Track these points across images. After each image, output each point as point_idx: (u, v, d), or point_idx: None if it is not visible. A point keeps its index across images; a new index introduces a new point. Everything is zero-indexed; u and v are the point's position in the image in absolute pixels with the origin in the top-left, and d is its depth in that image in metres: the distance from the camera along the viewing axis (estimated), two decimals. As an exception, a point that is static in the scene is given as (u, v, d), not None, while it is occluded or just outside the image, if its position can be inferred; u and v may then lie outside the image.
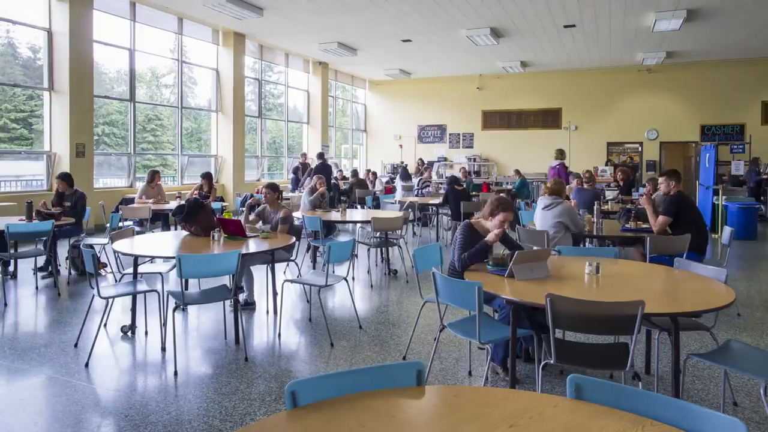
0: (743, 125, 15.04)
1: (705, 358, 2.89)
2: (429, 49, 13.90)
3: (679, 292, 3.19)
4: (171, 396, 3.32)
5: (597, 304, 2.67)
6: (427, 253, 4.14)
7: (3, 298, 5.45)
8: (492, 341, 3.12)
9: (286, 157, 16.23)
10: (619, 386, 1.68)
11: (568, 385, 1.68)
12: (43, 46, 9.36)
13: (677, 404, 1.54)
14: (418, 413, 1.55)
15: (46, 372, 3.65)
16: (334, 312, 5.19)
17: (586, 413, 1.56)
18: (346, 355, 4.06)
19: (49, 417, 3.04)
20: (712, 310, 2.67)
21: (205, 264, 3.67)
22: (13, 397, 3.30)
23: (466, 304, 3.16)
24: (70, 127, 9.22)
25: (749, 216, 9.80)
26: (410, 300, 5.68)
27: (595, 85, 16.49)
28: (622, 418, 1.54)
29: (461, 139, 18.43)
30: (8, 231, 5.24)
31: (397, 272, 6.89)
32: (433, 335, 4.48)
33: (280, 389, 3.43)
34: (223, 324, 4.67)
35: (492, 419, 1.51)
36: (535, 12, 10.62)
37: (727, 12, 10.46)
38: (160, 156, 13.89)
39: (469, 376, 3.70)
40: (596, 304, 2.67)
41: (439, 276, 3.26)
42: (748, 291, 6.09)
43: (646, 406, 1.58)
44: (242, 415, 3.09)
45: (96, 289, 3.84)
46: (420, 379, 1.74)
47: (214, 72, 13.05)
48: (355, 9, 10.52)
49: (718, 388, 3.51)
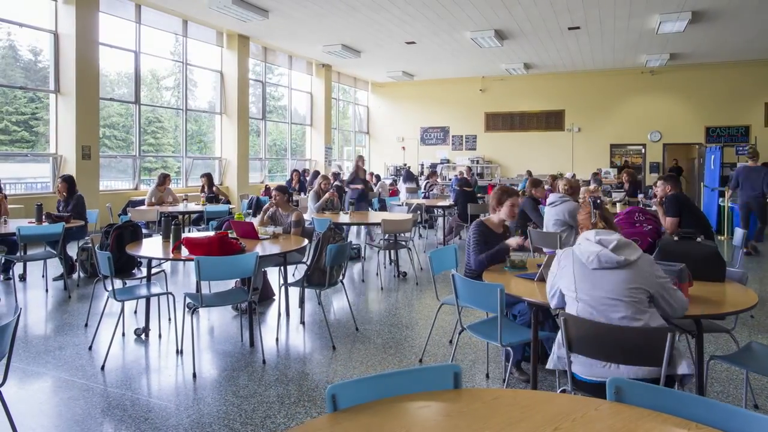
0: (748, 127, 15.05)
1: (727, 361, 2.89)
2: (432, 51, 13.91)
3: (700, 294, 3.17)
4: (190, 399, 3.31)
5: (618, 330, 2.33)
6: (443, 255, 4.13)
7: (14, 301, 5.44)
8: (513, 343, 3.11)
9: (290, 160, 16.24)
10: (660, 389, 1.67)
11: (607, 388, 1.67)
12: (45, 49, 9.38)
13: (722, 407, 1.53)
14: (461, 416, 1.54)
15: (62, 375, 3.64)
16: (346, 314, 5.18)
17: (629, 416, 1.55)
18: (362, 358, 4.04)
19: (69, 420, 3.02)
20: (738, 311, 2.66)
21: (224, 266, 3.66)
22: (31, 401, 3.29)
23: (487, 306, 3.15)
24: (76, 130, 9.22)
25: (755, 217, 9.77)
26: (421, 302, 5.67)
27: (598, 86, 16.51)
28: (665, 421, 1.53)
29: (464, 141, 18.44)
30: (20, 234, 5.23)
31: (406, 274, 6.88)
32: (447, 337, 4.47)
33: (299, 392, 3.42)
34: (234, 326, 4.66)
35: (535, 422, 1.50)
36: (540, 14, 10.63)
37: (732, 14, 10.47)
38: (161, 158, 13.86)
39: (486, 379, 3.69)
40: (617, 329, 2.33)
41: (459, 278, 3.25)
42: (759, 293, 6.09)
43: (688, 409, 1.56)
44: (263, 418, 3.07)
45: (112, 292, 3.83)
46: (457, 381, 1.73)
47: (218, 74, 13.05)
48: (360, 11, 10.52)
49: (737, 390, 3.50)
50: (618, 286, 2.40)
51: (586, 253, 2.48)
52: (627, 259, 2.41)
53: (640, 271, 2.42)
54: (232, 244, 4.02)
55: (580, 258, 2.49)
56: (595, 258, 2.44)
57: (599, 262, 2.43)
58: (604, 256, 2.42)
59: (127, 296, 4.06)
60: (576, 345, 2.42)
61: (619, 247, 2.44)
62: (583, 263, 2.48)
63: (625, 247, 2.46)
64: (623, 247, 2.45)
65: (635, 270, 2.41)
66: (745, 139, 14.87)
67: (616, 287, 2.40)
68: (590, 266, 2.45)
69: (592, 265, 2.45)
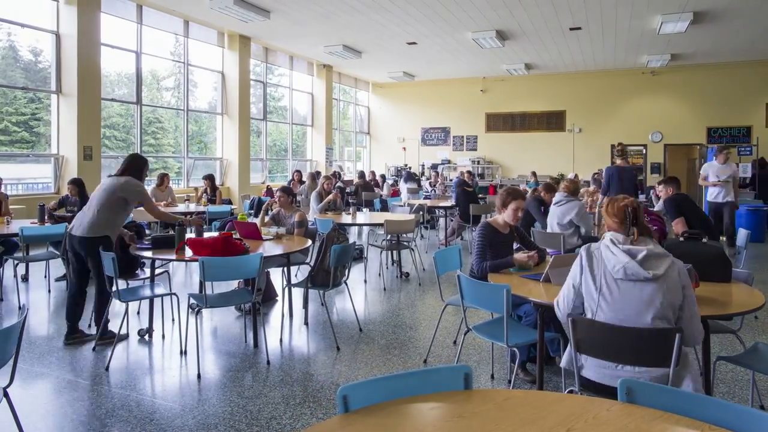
0: (750, 127, 15.04)
1: (734, 361, 2.88)
2: (434, 51, 13.91)
3: (706, 295, 3.17)
4: (195, 400, 3.30)
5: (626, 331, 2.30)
6: (448, 255, 4.13)
7: (17, 302, 5.44)
8: (519, 344, 3.11)
9: (290, 160, 16.23)
10: (672, 389, 1.67)
11: (618, 389, 1.67)
12: (45, 49, 9.37)
13: (734, 408, 1.52)
14: (473, 417, 1.54)
15: (66, 376, 3.63)
16: (349, 315, 5.17)
17: (641, 417, 1.55)
18: (366, 359, 4.04)
19: (75, 421, 3.02)
20: (746, 312, 2.66)
21: (228, 267, 3.65)
22: (36, 402, 3.28)
23: (493, 306, 3.14)
24: (77, 130, 9.21)
25: (758, 218, 9.79)
26: (424, 303, 5.66)
27: (599, 87, 16.50)
28: (678, 422, 1.52)
29: (465, 141, 18.43)
30: (23, 234, 5.22)
31: (408, 275, 6.87)
32: (451, 338, 4.47)
33: (304, 393, 3.41)
34: (237, 326, 4.66)
35: (548, 423, 1.50)
36: (542, 14, 10.63)
37: (734, 14, 10.46)
38: (161, 159, 13.84)
39: (491, 380, 3.69)
40: (625, 330, 2.30)
41: (465, 278, 3.24)
42: (762, 293, 6.06)
43: (700, 410, 1.56)
44: (268, 419, 3.07)
45: (117, 293, 3.82)
46: (468, 382, 1.73)
47: (219, 75, 13.05)
48: (362, 12, 10.52)
49: (742, 391, 3.50)
50: (643, 302, 2.32)
51: (612, 261, 2.38)
52: (655, 274, 2.30)
53: (668, 285, 2.32)
54: (236, 244, 4.01)
55: (606, 263, 2.40)
56: (621, 269, 2.34)
57: (625, 273, 2.34)
58: (631, 268, 2.33)
59: (131, 297, 4.06)
60: (584, 347, 2.41)
61: (647, 259, 2.34)
62: (608, 269, 2.38)
63: (654, 258, 2.35)
64: (652, 259, 2.35)
65: (663, 284, 2.31)
66: (746, 139, 14.86)
67: (641, 302, 2.32)
68: (615, 276, 2.36)
69: (618, 275, 2.36)
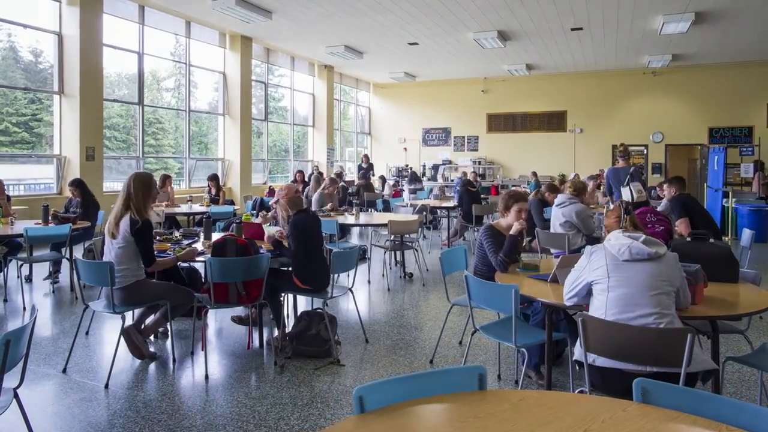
0: (751, 127, 15.04)
1: (742, 362, 2.88)
2: (435, 52, 13.91)
3: (714, 295, 3.17)
4: (202, 401, 3.30)
5: (637, 331, 2.33)
6: (453, 256, 4.13)
7: (21, 302, 5.44)
8: (527, 344, 3.10)
9: (292, 161, 16.23)
10: (688, 390, 1.66)
11: (634, 389, 1.67)
12: (46, 50, 9.38)
13: (750, 408, 1.52)
14: (489, 417, 1.54)
15: (73, 377, 3.63)
16: (353, 316, 5.17)
17: (658, 417, 1.55)
18: (372, 359, 4.03)
19: (83, 422, 3.02)
20: (754, 313, 2.66)
21: (235, 267, 3.65)
22: (44, 403, 3.28)
23: (501, 306, 3.14)
24: (80, 131, 9.21)
25: (760, 218, 9.79)
26: (428, 303, 5.66)
27: (601, 87, 16.50)
28: (695, 422, 1.52)
29: (466, 142, 18.43)
30: (27, 235, 5.22)
31: (412, 275, 6.87)
32: (457, 338, 4.47)
33: (312, 393, 3.41)
34: (243, 327, 4.65)
35: (565, 423, 1.50)
36: (543, 15, 10.63)
37: (735, 15, 10.46)
38: (161, 159, 13.84)
39: (498, 380, 3.68)
40: (636, 330, 2.33)
41: (472, 279, 3.24)
42: (765, 293, 6.07)
43: (716, 410, 1.56)
44: (276, 420, 3.06)
45: (110, 305, 3.81)
46: (482, 383, 1.73)
47: (221, 75, 13.05)
48: (363, 13, 10.52)
49: (749, 391, 3.50)
50: (648, 278, 2.46)
51: (617, 246, 2.55)
52: (657, 252, 2.51)
53: (668, 264, 2.53)
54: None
55: (611, 251, 2.57)
56: (626, 249, 2.51)
57: (630, 253, 2.51)
58: (635, 247, 2.51)
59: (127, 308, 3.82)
60: (594, 346, 2.41)
61: (647, 242, 2.54)
62: (614, 255, 2.55)
63: (653, 242, 2.56)
64: (651, 242, 2.55)
65: (664, 263, 2.52)
66: (748, 139, 14.87)
67: (646, 279, 2.46)
68: (621, 258, 2.52)
69: (624, 257, 2.52)
